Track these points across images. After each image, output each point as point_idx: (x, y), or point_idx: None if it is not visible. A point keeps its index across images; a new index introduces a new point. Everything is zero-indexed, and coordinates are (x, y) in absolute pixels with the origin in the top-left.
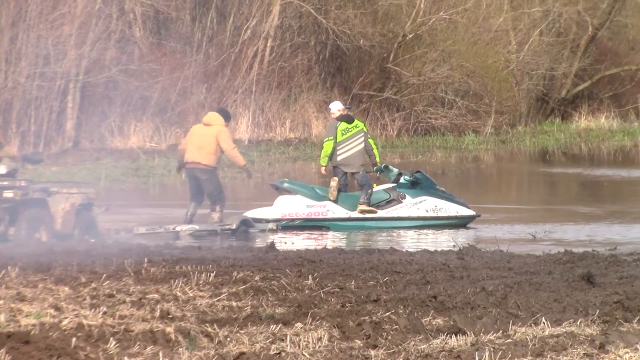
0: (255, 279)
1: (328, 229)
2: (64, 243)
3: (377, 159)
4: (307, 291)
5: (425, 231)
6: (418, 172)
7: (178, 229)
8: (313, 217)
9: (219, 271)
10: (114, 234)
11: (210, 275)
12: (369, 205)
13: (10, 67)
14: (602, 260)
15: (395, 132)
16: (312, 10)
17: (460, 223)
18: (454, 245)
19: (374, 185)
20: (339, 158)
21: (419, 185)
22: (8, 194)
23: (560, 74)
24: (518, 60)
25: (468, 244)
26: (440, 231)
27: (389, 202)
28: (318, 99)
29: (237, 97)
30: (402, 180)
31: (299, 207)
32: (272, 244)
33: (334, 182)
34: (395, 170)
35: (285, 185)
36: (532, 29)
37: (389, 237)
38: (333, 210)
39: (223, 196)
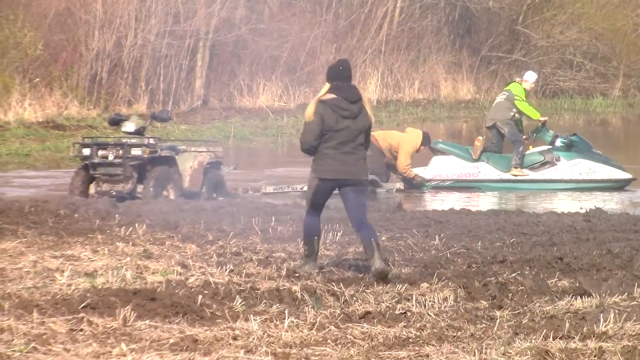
0: (382, 238)
1: (479, 190)
2: (191, 201)
3: None
4: (433, 251)
5: (550, 194)
6: (574, 134)
7: (306, 188)
8: (464, 177)
9: (346, 230)
10: (241, 192)
11: (337, 235)
12: (521, 167)
13: (140, 25)
14: None
15: None
16: None
17: (615, 186)
18: (580, 207)
19: (530, 147)
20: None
21: (575, 147)
22: (136, 152)
23: None
24: None
25: (595, 206)
26: (570, 193)
27: (543, 165)
28: (447, 60)
29: (366, 58)
30: (557, 143)
31: (451, 168)
32: (400, 204)
33: (478, 142)
34: (551, 132)
35: (440, 146)
36: None
37: (515, 199)
38: (485, 171)
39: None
